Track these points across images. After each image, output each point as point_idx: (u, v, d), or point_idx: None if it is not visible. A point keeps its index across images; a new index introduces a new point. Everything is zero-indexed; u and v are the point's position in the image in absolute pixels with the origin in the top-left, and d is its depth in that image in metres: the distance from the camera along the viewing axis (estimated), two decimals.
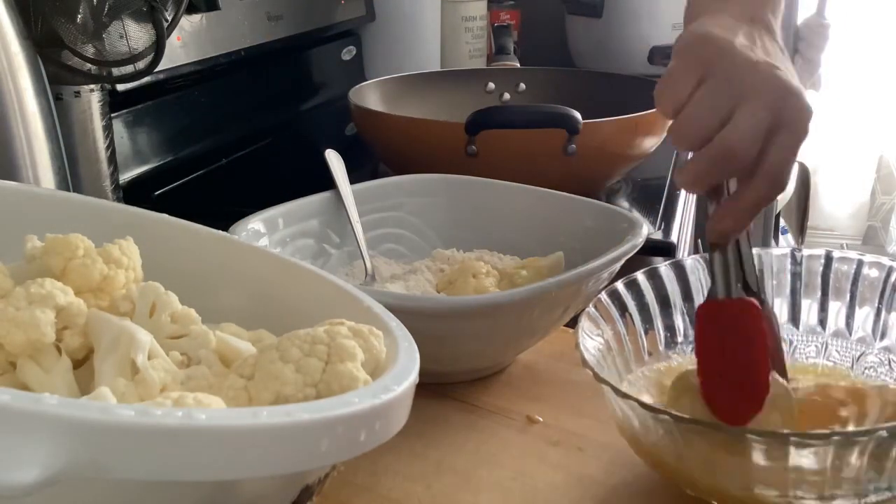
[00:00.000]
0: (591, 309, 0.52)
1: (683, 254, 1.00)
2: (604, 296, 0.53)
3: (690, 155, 0.48)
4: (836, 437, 0.39)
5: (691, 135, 0.47)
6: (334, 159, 0.73)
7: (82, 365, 0.40)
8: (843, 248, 3.14)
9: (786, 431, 0.42)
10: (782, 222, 2.35)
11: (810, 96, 0.48)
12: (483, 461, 0.52)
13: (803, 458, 0.40)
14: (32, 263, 0.43)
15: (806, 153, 2.52)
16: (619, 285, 0.54)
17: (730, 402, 0.44)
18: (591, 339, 0.50)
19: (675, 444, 0.43)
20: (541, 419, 0.56)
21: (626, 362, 0.53)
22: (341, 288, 0.45)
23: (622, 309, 0.54)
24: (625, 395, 0.44)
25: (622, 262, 0.58)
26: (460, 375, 0.60)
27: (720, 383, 0.45)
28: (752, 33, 0.49)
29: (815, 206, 2.79)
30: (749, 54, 0.48)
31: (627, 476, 0.50)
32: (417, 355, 0.38)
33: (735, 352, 0.46)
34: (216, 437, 0.28)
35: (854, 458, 0.40)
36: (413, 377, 0.36)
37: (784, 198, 2.18)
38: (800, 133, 0.47)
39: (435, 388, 0.58)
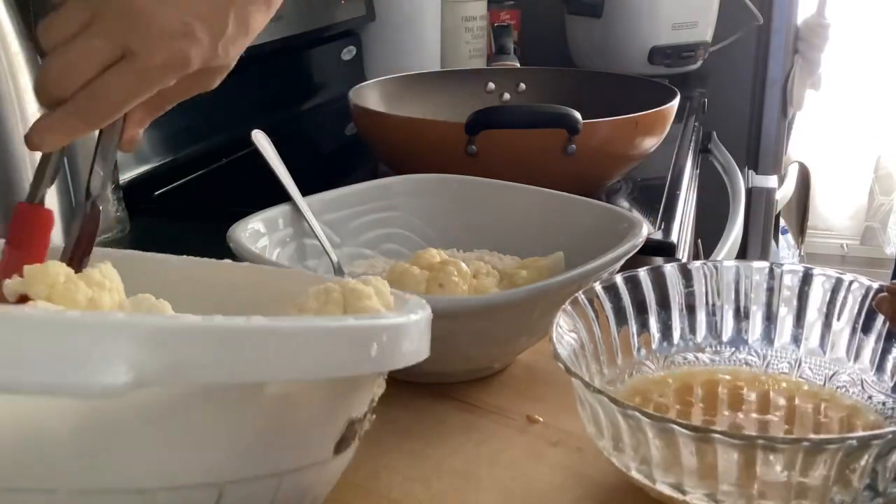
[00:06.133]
0: (567, 307, 0.51)
1: (683, 254, 1.00)
2: (580, 296, 0.53)
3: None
4: (805, 444, 0.39)
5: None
6: (262, 140, 0.72)
7: None
8: (843, 248, 3.14)
9: (754, 434, 0.41)
10: (782, 222, 2.35)
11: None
12: (483, 461, 0.52)
13: (770, 464, 0.40)
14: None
15: (805, 154, 2.53)
16: (597, 287, 0.54)
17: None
18: (566, 336, 0.50)
19: (640, 442, 0.43)
20: (541, 419, 0.56)
21: (598, 364, 0.52)
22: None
23: (597, 311, 0.53)
24: (596, 390, 0.43)
25: (622, 262, 0.58)
26: (460, 375, 0.60)
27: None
28: None
29: (813, 207, 2.79)
30: None
31: (627, 476, 0.49)
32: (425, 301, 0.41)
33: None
34: (277, 338, 0.31)
35: (822, 468, 0.39)
36: (429, 310, 0.40)
37: (784, 198, 2.18)
38: (143, 58, 0.43)
39: (435, 388, 0.58)
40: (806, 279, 0.55)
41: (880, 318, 0.53)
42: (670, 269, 0.56)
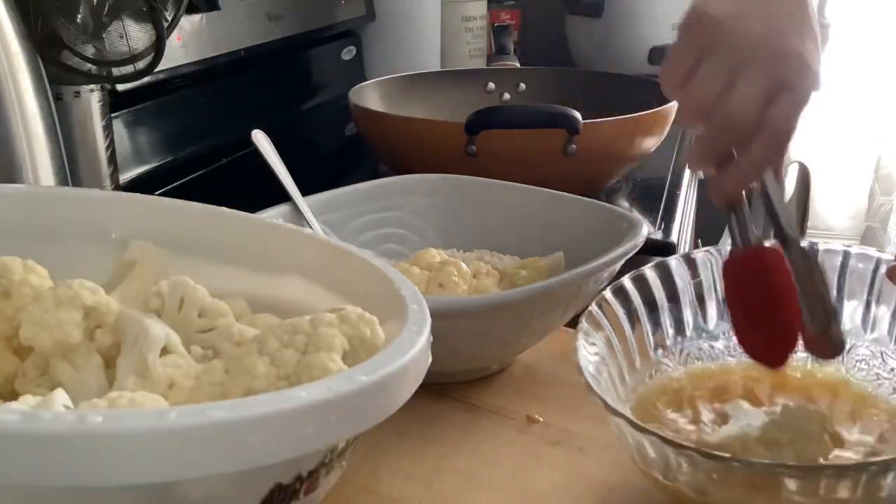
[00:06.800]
0: (584, 324, 0.50)
1: None
2: (594, 308, 0.52)
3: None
4: (872, 467, 0.39)
5: (692, 108, 0.49)
6: (262, 140, 0.72)
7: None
8: None
9: (819, 464, 0.41)
10: None
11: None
12: (483, 461, 0.52)
13: (838, 490, 0.39)
14: None
15: (805, 153, 2.53)
16: (607, 294, 0.53)
17: (765, 347, 0.48)
18: (591, 358, 0.48)
19: (699, 479, 0.41)
20: (541, 419, 0.56)
21: (621, 374, 0.51)
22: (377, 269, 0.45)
23: (611, 319, 0.52)
24: (643, 429, 0.41)
25: (622, 262, 0.58)
26: (460, 375, 0.60)
27: (754, 330, 0.48)
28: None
29: (813, 207, 2.79)
30: (744, 25, 0.49)
31: (627, 476, 0.50)
32: (419, 347, 0.35)
33: (761, 296, 0.48)
34: (110, 442, 0.26)
35: (890, 483, 0.39)
36: (382, 373, 0.32)
37: (784, 198, 2.18)
38: (801, 92, 0.48)
39: (435, 388, 0.58)
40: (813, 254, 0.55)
41: (895, 290, 0.52)
42: (676, 263, 0.56)
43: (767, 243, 0.50)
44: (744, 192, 0.50)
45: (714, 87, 0.48)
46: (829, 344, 0.49)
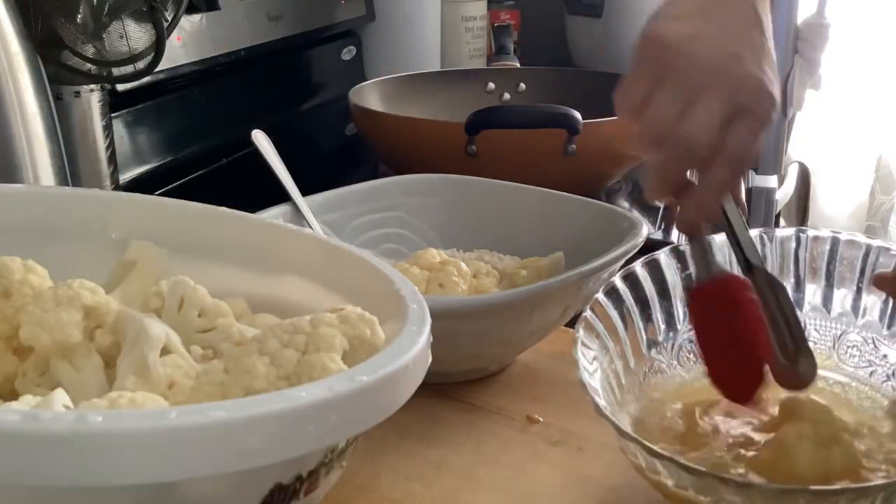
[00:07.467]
0: (580, 334, 0.49)
1: None
2: (589, 314, 0.51)
3: None
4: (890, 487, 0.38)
5: (649, 135, 0.48)
6: (262, 140, 0.72)
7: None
8: None
9: (841, 487, 0.40)
10: (782, 222, 2.35)
11: (779, 87, 0.48)
12: (483, 461, 0.52)
13: None
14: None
15: (805, 153, 2.53)
16: (600, 296, 0.52)
17: (734, 379, 0.46)
18: (589, 367, 0.48)
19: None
20: (541, 419, 0.56)
21: (618, 379, 0.51)
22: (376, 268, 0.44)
23: (605, 323, 0.52)
24: (658, 455, 0.41)
25: (622, 262, 0.58)
26: (460, 375, 0.60)
27: (721, 363, 0.47)
28: (711, 13, 0.49)
29: (813, 206, 2.78)
30: (700, 48, 0.47)
31: (627, 476, 0.49)
32: (418, 347, 0.36)
33: (728, 329, 0.47)
34: (110, 442, 0.26)
35: None
36: (382, 373, 0.33)
37: (784, 198, 2.18)
38: (759, 115, 0.47)
39: (435, 388, 0.58)
40: (798, 242, 0.55)
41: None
42: (665, 257, 0.55)
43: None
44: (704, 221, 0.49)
45: (671, 112, 0.47)
46: (797, 376, 0.48)
